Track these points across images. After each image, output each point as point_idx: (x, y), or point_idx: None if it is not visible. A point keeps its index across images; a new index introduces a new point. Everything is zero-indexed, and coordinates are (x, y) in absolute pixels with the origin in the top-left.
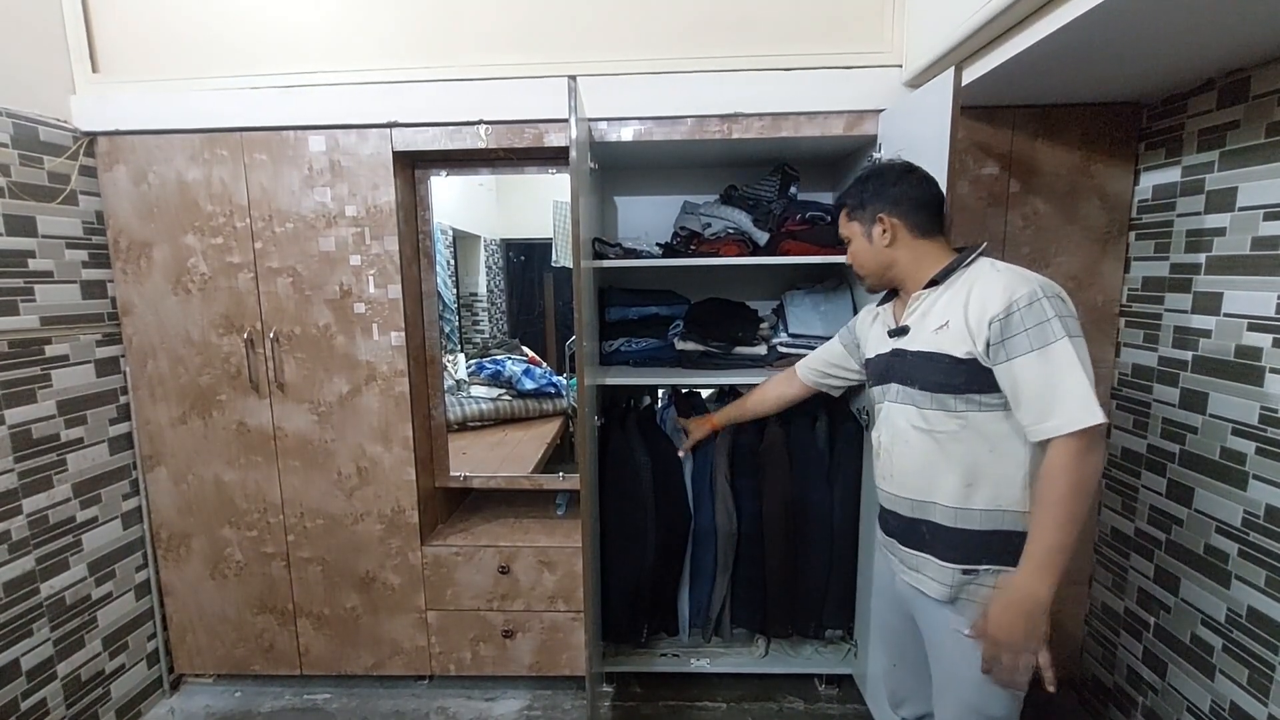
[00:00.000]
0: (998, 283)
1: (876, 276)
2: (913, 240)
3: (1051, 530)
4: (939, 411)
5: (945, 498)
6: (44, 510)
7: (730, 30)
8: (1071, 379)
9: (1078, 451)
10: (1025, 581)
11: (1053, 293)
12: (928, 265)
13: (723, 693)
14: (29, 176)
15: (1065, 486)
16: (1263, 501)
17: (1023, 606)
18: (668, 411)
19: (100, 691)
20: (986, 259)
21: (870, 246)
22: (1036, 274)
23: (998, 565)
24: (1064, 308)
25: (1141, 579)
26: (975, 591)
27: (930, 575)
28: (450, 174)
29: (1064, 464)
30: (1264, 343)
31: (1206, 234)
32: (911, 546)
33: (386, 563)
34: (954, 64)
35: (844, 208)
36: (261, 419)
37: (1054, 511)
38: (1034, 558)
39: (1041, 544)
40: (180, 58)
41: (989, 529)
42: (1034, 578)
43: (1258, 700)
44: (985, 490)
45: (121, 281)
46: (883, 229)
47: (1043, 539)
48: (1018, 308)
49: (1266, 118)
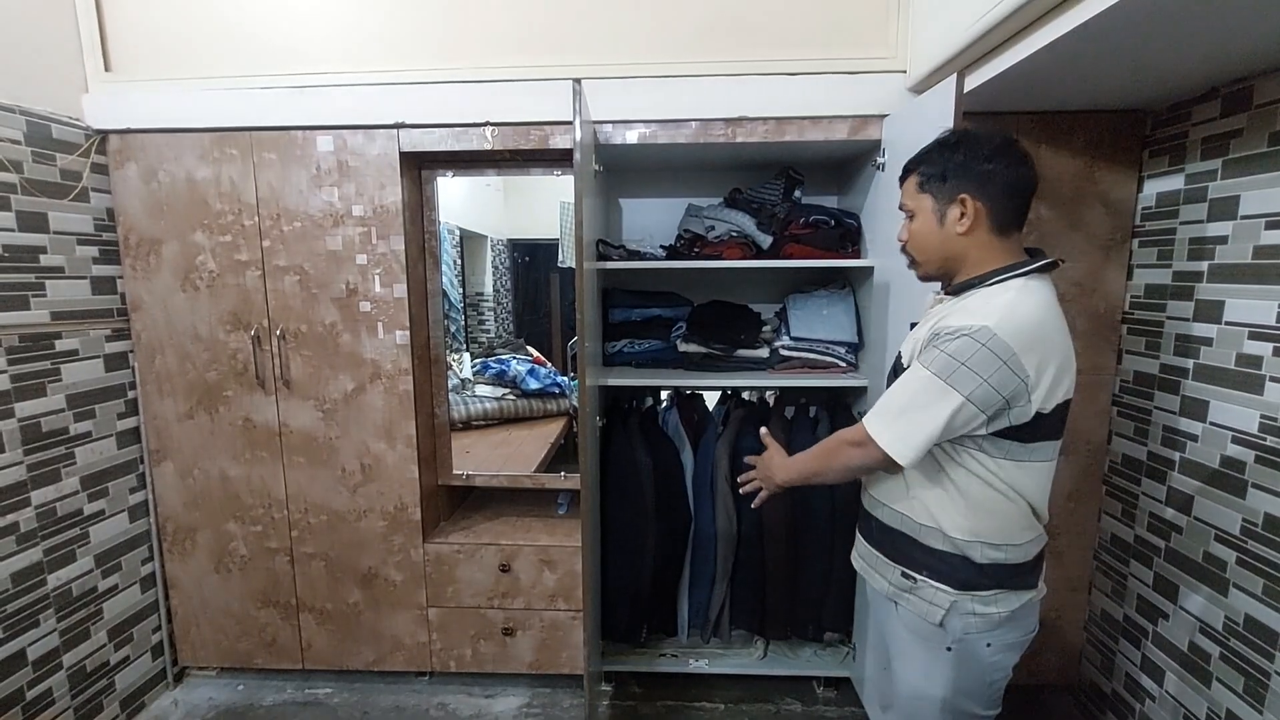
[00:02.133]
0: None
1: (935, 265)
2: (990, 235)
3: (797, 466)
4: None
5: (892, 500)
6: (52, 503)
7: (735, 34)
8: (902, 397)
9: (854, 440)
10: (781, 464)
11: (989, 344)
12: (989, 265)
13: (721, 694)
14: (41, 173)
15: (828, 446)
16: (1261, 510)
17: (774, 471)
18: (669, 413)
19: (105, 682)
20: (1020, 281)
21: (939, 229)
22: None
23: (938, 583)
24: (985, 363)
25: (1141, 586)
26: (915, 603)
27: (877, 570)
28: (456, 175)
29: (843, 436)
30: (1264, 351)
31: (1209, 242)
32: (864, 539)
33: (389, 559)
34: (957, 70)
35: (914, 174)
36: (267, 415)
37: (814, 453)
38: (795, 462)
39: (800, 461)
40: (191, 58)
41: (929, 544)
42: (783, 469)
43: (1254, 709)
44: (927, 505)
45: (131, 278)
46: (961, 212)
47: (801, 460)
48: (961, 334)
49: (1269, 126)
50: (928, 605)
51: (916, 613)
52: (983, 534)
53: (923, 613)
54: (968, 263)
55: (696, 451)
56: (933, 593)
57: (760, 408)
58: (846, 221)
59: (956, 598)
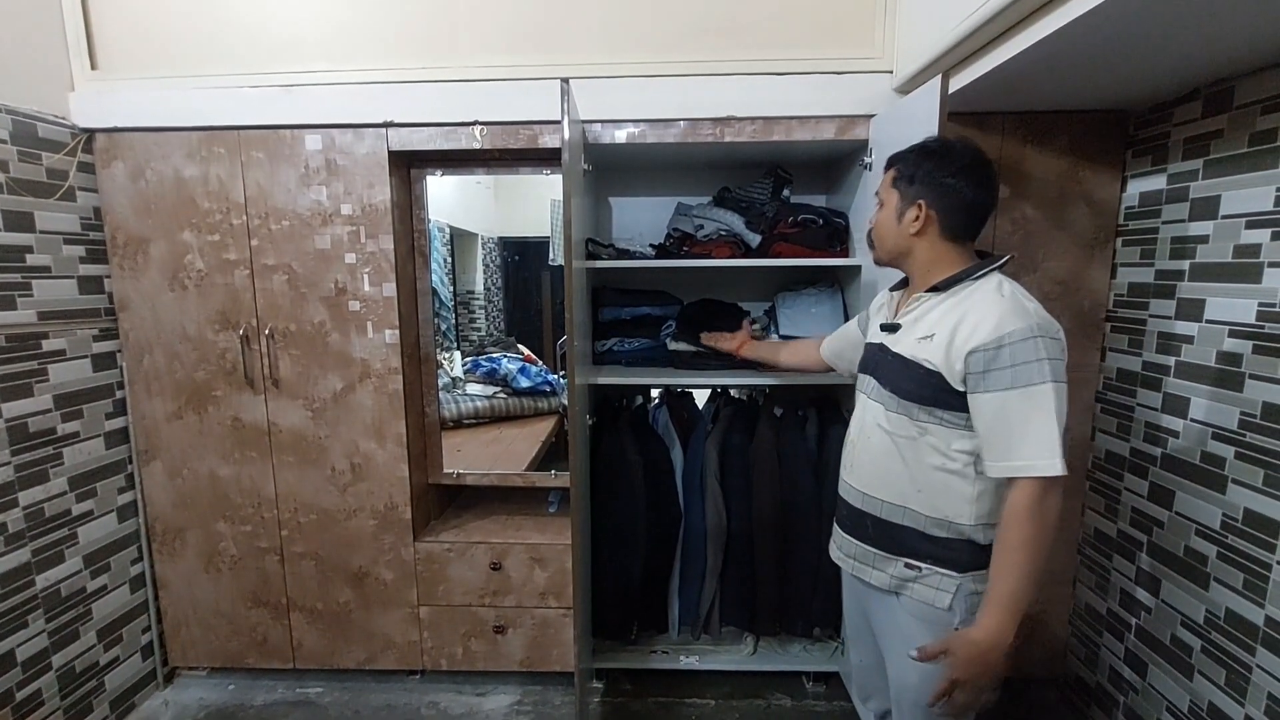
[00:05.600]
0: (993, 311)
1: (886, 254)
2: (939, 239)
3: (1013, 575)
4: (903, 417)
5: (894, 496)
6: (40, 503)
7: (723, 34)
8: (1044, 424)
9: (1038, 497)
10: (991, 627)
11: (1048, 332)
12: (941, 268)
13: (711, 690)
14: (27, 172)
15: (1027, 531)
16: (1241, 505)
17: (993, 651)
18: (659, 411)
19: (95, 683)
20: (998, 276)
21: (896, 225)
22: (1038, 306)
23: (943, 569)
24: (1056, 349)
25: (1124, 580)
26: (920, 591)
27: (873, 565)
28: (445, 174)
29: (1025, 507)
30: (1244, 349)
31: (1190, 241)
32: (856, 537)
33: (379, 558)
34: (942, 71)
35: (892, 169)
36: (256, 415)
37: (1015, 556)
38: (998, 603)
39: (1004, 588)
40: (179, 56)
41: (935, 534)
42: (998, 624)
43: (1235, 701)
44: (933, 499)
45: (119, 277)
46: (916, 215)
47: (1005, 584)
48: (1009, 341)
49: (1249, 127)
50: (935, 591)
51: (923, 600)
52: (986, 516)
53: (930, 599)
54: (916, 260)
55: (686, 449)
56: (939, 579)
57: (749, 406)
58: (834, 221)
59: (961, 580)
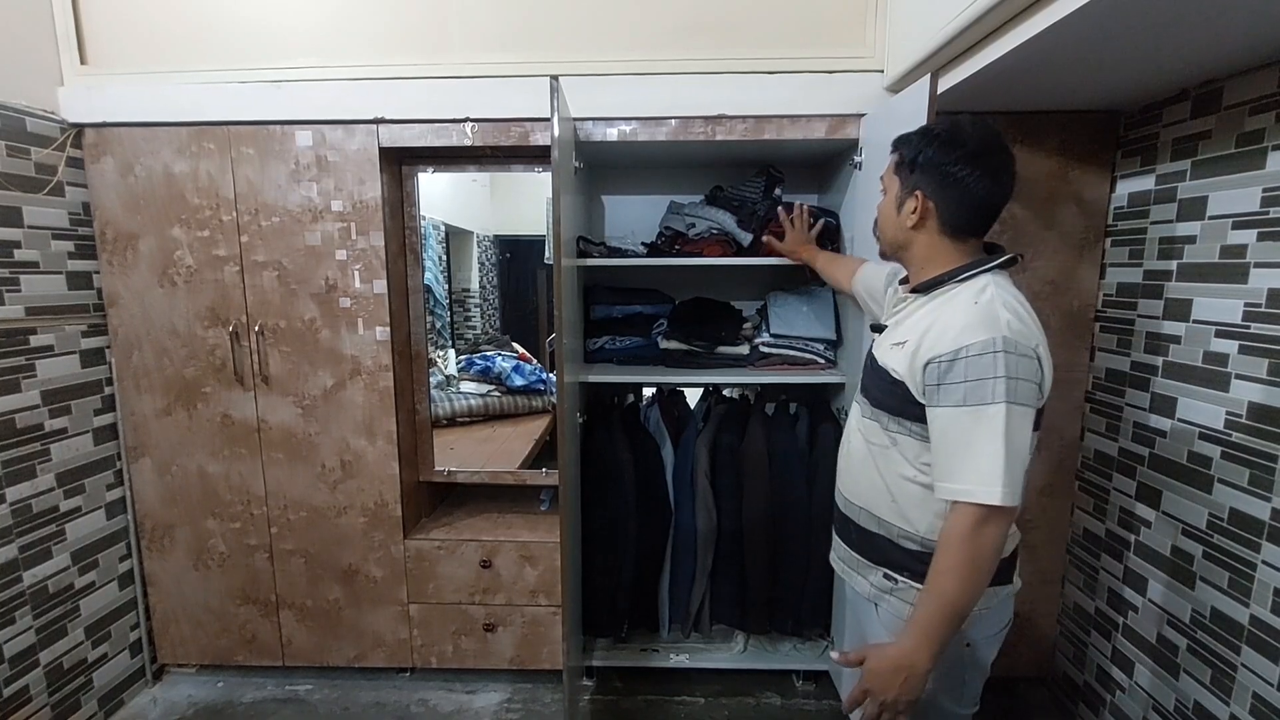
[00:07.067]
0: (958, 320)
1: (887, 246)
2: (938, 234)
3: (938, 601)
4: (874, 424)
5: (871, 504)
6: (27, 499)
7: (715, 33)
8: (988, 448)
9: (973, 524)
10: (906, 648)
11: (1016, 349)
12: (934, 267)
13: (701, 688)
14: (15, 167)
15: (956, 558)
16: (1227, 505)
17: (900, 672)
18: (651, 409)
19: (82, 680)
20: (985, 279)
21: (895, 215)
22: (1017, 317)
23: (916, 583)
24: (1024, 368)
25: (1111, 579)
26: (895, 604)
27: (858, 572)
28: (436, 171)
29: (959, 534)
30: (1230, 349)
31: (1178, 241)
32: (845, 543)
33: (369, 556)
34: (931, 70)
35: (897, 152)
36: (246, 411)
37: (942, 581)
38: (919, 624)
39: (924, 613)
40: (169, 51)
41: (906, 546)
42: (914, 647)
43: (1220, 700)
44: (905, 510)
45: (107, 273)
46: (914, 208)
47: (926, 609)
48: (966, 355)
49: (1237, 128)
50: (906, 605)
51: (896, 614)
52: None
53: (903, 614)
54: (914, 255)
55: (677, 448)
56: (913, 594)
57: (741, 404)
58: (826, 220)
59: None
